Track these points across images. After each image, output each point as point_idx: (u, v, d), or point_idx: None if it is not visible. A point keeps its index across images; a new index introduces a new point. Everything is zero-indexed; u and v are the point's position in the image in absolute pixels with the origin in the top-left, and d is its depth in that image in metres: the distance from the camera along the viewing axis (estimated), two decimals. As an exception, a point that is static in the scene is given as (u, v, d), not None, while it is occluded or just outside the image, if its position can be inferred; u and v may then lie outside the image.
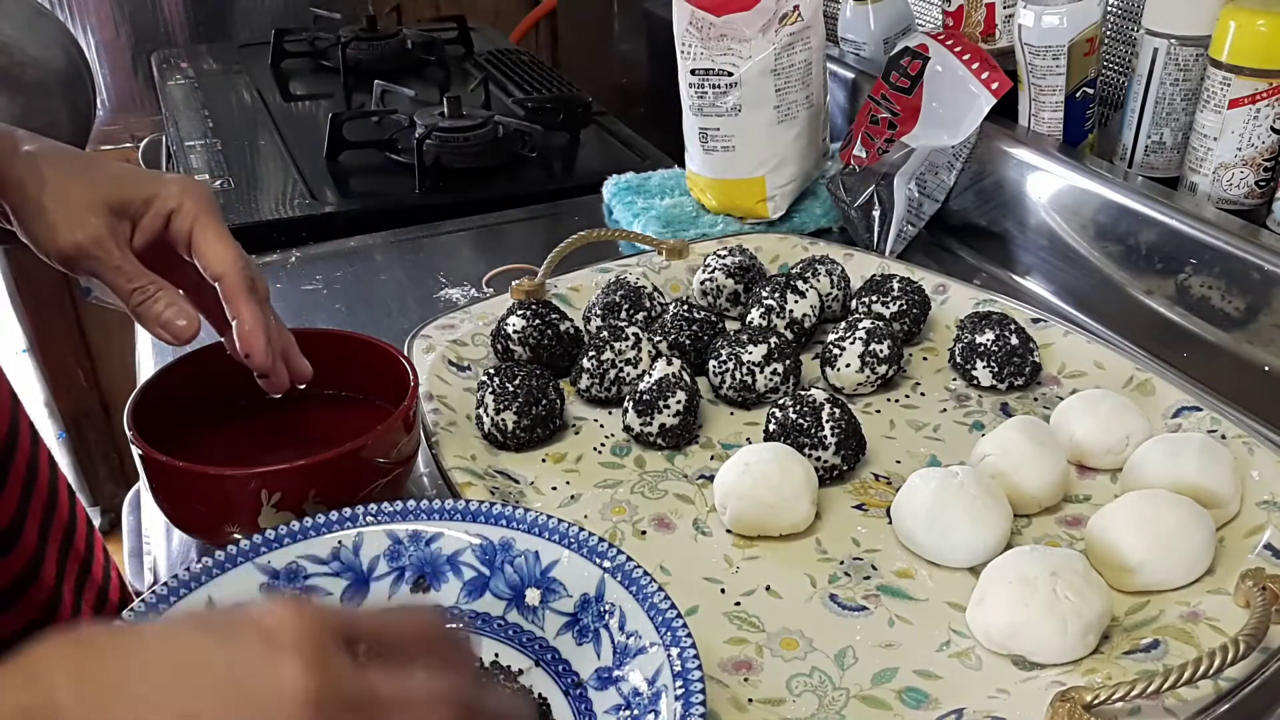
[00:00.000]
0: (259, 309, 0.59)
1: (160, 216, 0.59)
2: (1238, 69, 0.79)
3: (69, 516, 0.67)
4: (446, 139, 1.20)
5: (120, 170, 0.59)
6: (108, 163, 0.60)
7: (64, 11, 1.73)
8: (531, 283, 0.83)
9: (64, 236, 0.57)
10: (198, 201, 0.59)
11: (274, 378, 0.60)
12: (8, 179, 0.57)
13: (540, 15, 1.94)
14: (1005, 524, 0.60)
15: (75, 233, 0.57)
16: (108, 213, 0.58)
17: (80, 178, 0.58)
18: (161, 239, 0.59)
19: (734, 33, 0.94)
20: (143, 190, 0.59)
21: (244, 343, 0.58)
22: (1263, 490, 0.61)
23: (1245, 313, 0.77)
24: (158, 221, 0.59)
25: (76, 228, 0.57)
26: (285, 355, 0.62)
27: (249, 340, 0.58)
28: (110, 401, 2.08)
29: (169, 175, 0.60)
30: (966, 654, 0.54)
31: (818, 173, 1.05)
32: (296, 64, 1.60)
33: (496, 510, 0.55)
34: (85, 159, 0.60)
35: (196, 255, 0.59)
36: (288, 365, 0.62)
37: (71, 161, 0.59)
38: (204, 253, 0.58)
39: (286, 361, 0.61)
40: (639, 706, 0.47)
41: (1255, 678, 0.50)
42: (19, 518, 0.61)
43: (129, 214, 0.58)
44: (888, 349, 0.74)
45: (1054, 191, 0.92)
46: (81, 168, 0.59)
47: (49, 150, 0.59)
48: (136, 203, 0.58)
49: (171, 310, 0.57)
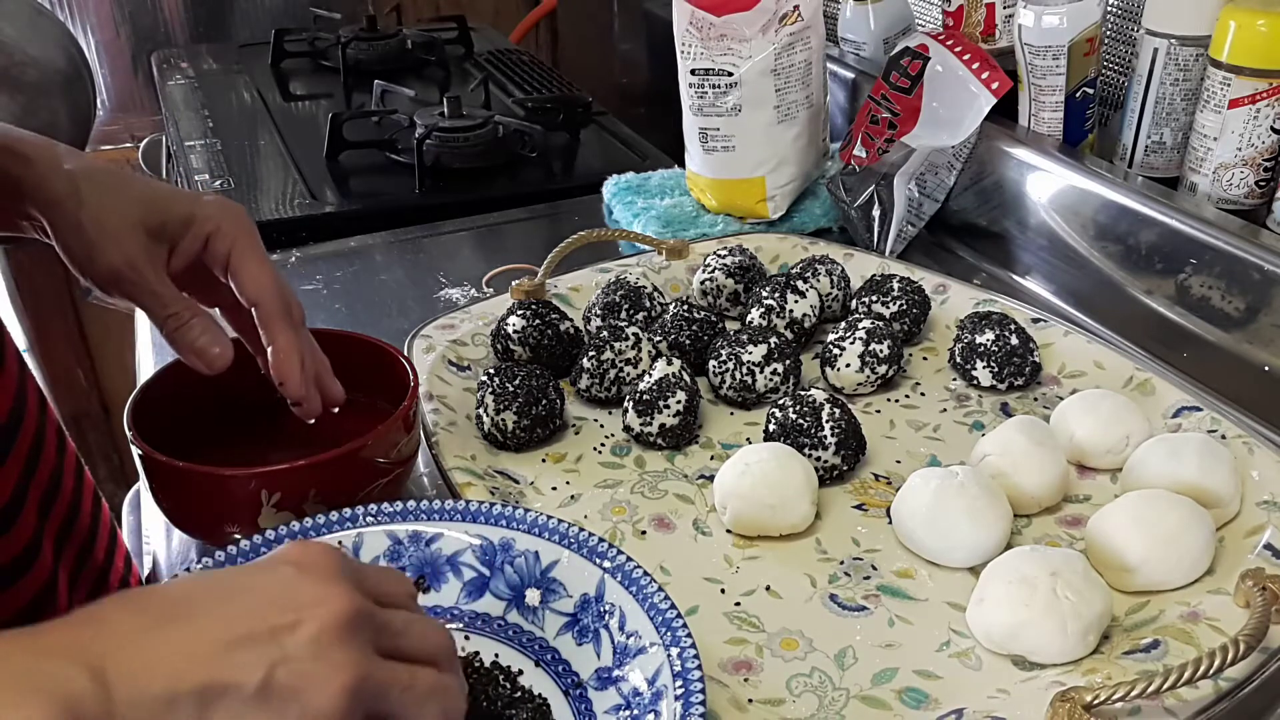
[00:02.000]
0: (294, 335, 0.58)
1: (199, 239, 0.58)
2: (1238, 69, 0.79)
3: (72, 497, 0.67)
4: (446, 139, 1.20)
5: (158, 190, 0.59)
6: (146, 182, 0.60)
7: (64, 11, 1.73)
8: (531, 283, 0.83)
9: (100, 260, 0.57)
10: (236, 225, 0.59)
11: (307, 405, 0.60)
12: (47, 197, 0.57)
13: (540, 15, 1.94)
14: (1005, 524, 0.60)
15: (112, 256, 0.56)
16: (145, 235, 0.57)
17: (118, 198, 0.57)
18: (198, 260, 0.59)
19: (734, 33, 0.94)
20: (180, 212, 0.58)
21: (279, 371, 0.58)
22: (1263, 490, 0.61)
23: (1245, 313, 0.77)
24: (196, 244, 0.58)
25: (113, 251, 0.56)
26: (319, 380, 0.61)
27: (283, 369, 0.58)
28: (110, 401, 2.08)
29: (207, 197, 0.60)
30: (966, 654, 0.54)
31: (818, 173, 1.05)
32: (296, 64, 1.60)
33: (496, 510, 0.55)
34: (123, 178, 0.59)
35: (234, 279, 0.58)
36: (321, 390, 0.61)
37: (109, 180, 0.58)
38: (241, 278, 0.58)
39: (320, 386, 0.61)
40: (639, 706, 0.47)
41: (1255, 678, 0.50)
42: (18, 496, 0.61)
43: (167, 236, 0.58)
44: (888, 349, 0.74)
45: (1054, 191, 0.92)
46: (120, 187, 0.58)
47: (87, 168, 0.58)
48: (174, 225, 0.58)
49: (206, 338, 0.57)
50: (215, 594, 0.38)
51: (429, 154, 1.18)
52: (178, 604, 0.37)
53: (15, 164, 0.57)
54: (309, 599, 0.38)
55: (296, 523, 0.54)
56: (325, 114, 1.27)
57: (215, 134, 1.33)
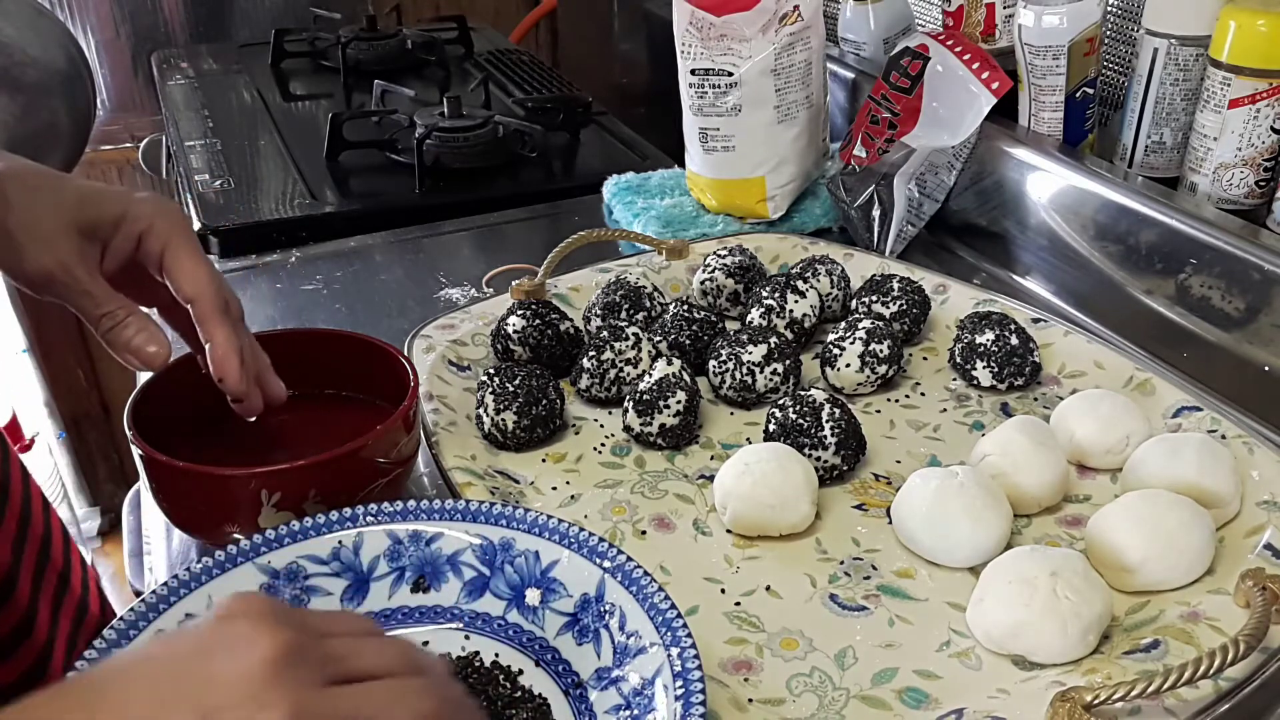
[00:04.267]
0: (232, 332, 0.57)
1: (131, 238, 0.57)
2: (1238, 69, 0.79)
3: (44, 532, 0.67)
4: (446, 139, 1.20)
5: (89, 190, 0.57)
6: (76, 182, 0.58)
7: (64, 11, 1.73)
8: (531, 283, 0.83)
9: (31, 262, 0.55)
10: (170, 222, 0.57)
11: (248, 402, 0.59)
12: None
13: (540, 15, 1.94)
14: (1005, 524, 0.60)
15: (42, 258, 0.55)
16: (77, 236, 0.56)
17: (47, 199, 0.56)
18: (133, 259, 0.57)
19: (734, 33, 0.94)
20: (112, 211, 0.57)
21: (217, 367, 0.57)
22: (1263, 490, 0.61)
23: (1245, 313, 0.77)
24: (129, 243, 0.57)
25: (44, 253, 0.55)
26: (260, 378, 0.60)
27: (222, 365, 0.57)
28: (110, 401, 2.08)
29: (140, 194, 0.58)
30: (966, 654, 0.54)
31: (818, 173, 1.05)
32: (296, 64, 1.60)
33: (496, 510, 0.55)
34: (53, 178, 0.58)
35: (169, 277, 0.57)
36: (262, 387, 0.60)
37: (37, 180, 0.57)
38: (176, 275, 0.57)
39: (261, 384, 0.60)
40: (639, 706, 0.47)
41: (1255, 678, 0.50)
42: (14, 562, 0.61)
43: (99, 236, 0.57)
44: (888, 349, 0.74)
45: (1054, 191, 0.92)
46: (48, 187, 0.57)
47: (16, 169, 0.57)
48: (106, 224, 0.56)
49: (142, 336, 0.56)
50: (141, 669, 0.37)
51: (429, 154, 1.18)
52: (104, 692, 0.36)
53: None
54: (235, 642, 0.36)
55: (296, 523, 0.54)
56: (325, 114, 1.27)
57: (215, 134, 1.33)
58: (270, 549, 0.53)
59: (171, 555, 0.68)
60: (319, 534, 0.54)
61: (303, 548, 0.53)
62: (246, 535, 0.53)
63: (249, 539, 0.53)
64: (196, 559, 0.52)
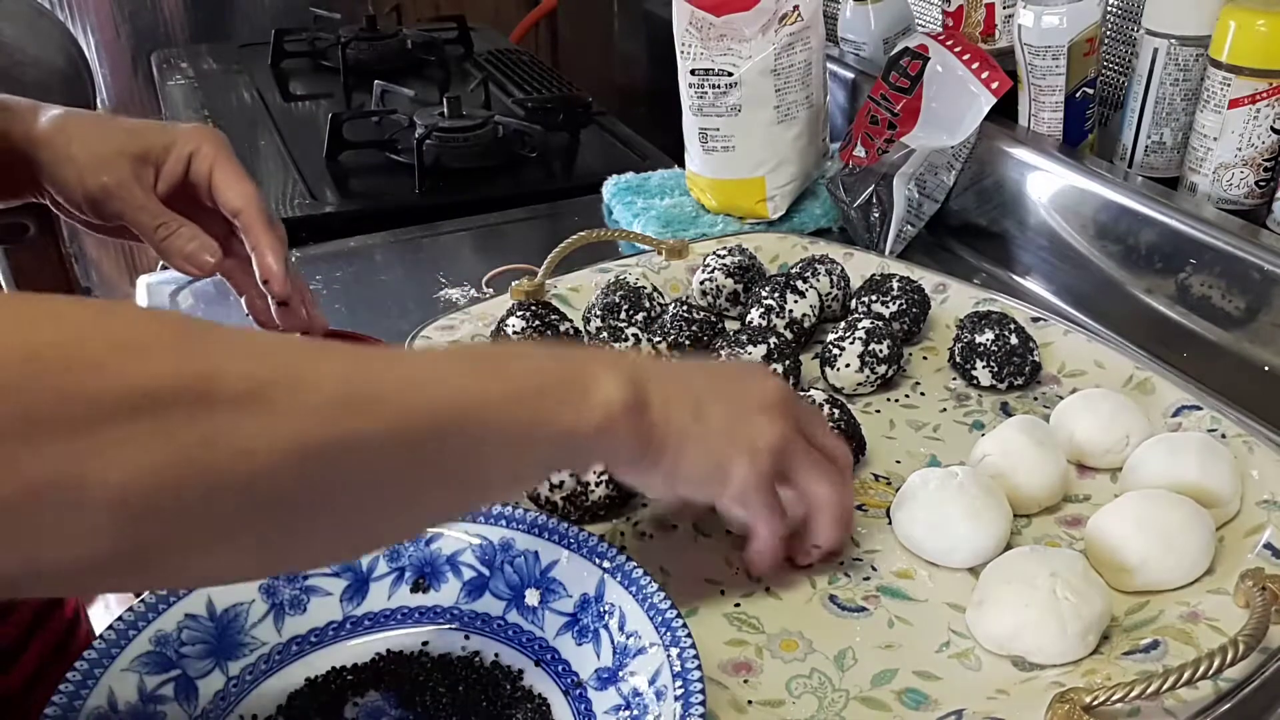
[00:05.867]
0: (277, 239, 0.64)
1: (181, 160, 0.64)
2: (1238, 69, 0.79)
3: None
4: (446, 139, 1.20)
5: (140, 123, 0.65)
6: (125, 119, 0.66)
7: (64, 11, 1.73)
8: (531, 283, 0.83)
9: (91, 180, 0.62)
10: (214, 144, 0.64)
11: (293, 307, 0.66)
12: (37, 137, 0.63)
13: (540, 15, 1.94)
14: (1005, 524, 0.60)
15: (101, 176, 0.62)
16: (132, 160, 0.63)
17: (103, 130, 0.63)
18: (184, 186, 0.64)
19: (734, 33, 0.94)
20: (163, 138, 0.64)
21: (263, 269, 0.64)
22: (1263, 490, 0.61)
23: (1245, 313, 0.77)
24: (179, 165, 0.64)
25: (102, 172, 0.62)
26: (303, 297, 0.68)
27: (268, 267, 0.64)
28: (111, 401, 2.07)
29: (185, 124, 0.66)
30: (966, 655, 0.54)
31: (818, 173, 1.05)
32: (296, 64, 1.60)
33: (496, 510, 0.55)
34: (103, 116, 0.66)
35: (216, 193, 0.64)
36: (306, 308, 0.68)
37: (92, 117, 0.65)
38: (223, 190, 0.64)
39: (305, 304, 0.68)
40: (639, 706, 0.47)
41: (1255, 678, 0.50)
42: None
43: (151, 160, 0.63)
44: (887, 349, 0.74)
45: (1054, 191, 0.92)
46: (103, 121, 0.65)
47: (73, 111, 0.65)
48: (157, 149, 0.63)
49: (195, 244, 0.63)
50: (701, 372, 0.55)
51: (429, 154, 1.18)
52: (682, 374, 0.52)
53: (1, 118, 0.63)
54: (765, 380, 0.55)
55: (296, 523, 0.54)
56: (325, 114, 1.27)
57: (215, 134, 1.33)
58: (270, 549, 0.53)
59: (171, 555, 0.68)
60: (319, 534, 0.54)
61: (302, 548, 0.53)
62: (246, 536, 0.53)
63: (249, 539, 0.52)
64: (196, 559, 0.52)
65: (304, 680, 0.52)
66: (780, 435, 0.52)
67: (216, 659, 0.50)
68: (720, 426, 0.50)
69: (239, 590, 0.52)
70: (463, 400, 0.40)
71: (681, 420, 0.49)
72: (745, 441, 0.51)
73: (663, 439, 0.48)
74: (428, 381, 0.40)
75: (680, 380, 0.51)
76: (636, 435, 0.47)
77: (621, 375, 0.46)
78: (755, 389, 0.53)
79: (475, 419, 0.40)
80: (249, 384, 0.33)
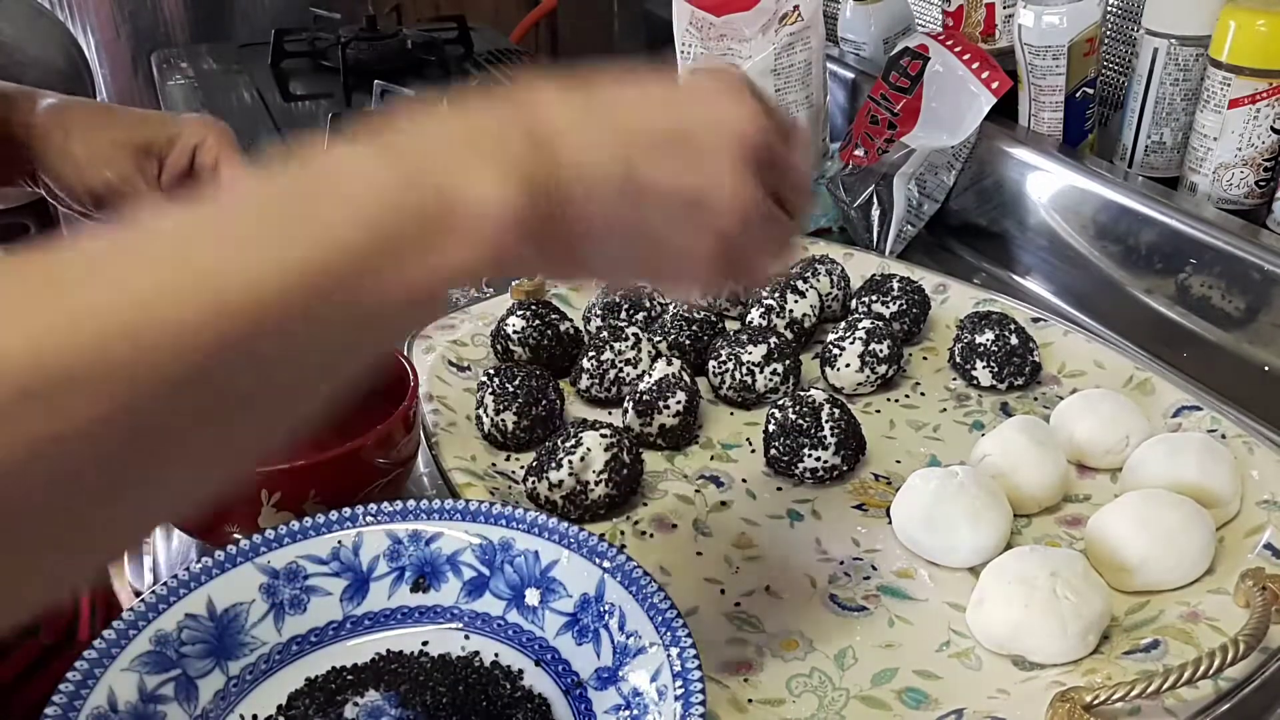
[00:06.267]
0: None
1: (185, 152, 0.62)
2: (1238, 69, 0.79)
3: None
4: (446, 139, 1.20)
5: (144, 114, 0.64)
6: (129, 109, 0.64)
7: (64, 11, 1.73)
8: (531, 283, 0.83)
9: (93, 175, 0.60)
10: (219, 136, 0.63)
11: None
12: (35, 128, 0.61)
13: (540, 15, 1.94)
14: (1005, 524, 0.60)
15: (104, 173, 0.60)
16: (135, 152, 0.61)
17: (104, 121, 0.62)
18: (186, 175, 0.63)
19: (734, 33, 0.94)
20: (167, 130, 0.62)
21: None
22: (1263, 490, 0.61)
23: (1245, 313, 0.77)
24: (184, 157, 0.62)
25: (105, 166, 0.60)
26: None
27: None
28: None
29: (188, 115, 0.64)
30: (966, 654, 0.54)
31: (817, 173, 1.05)
32: (296, 64, 1.60)
33: (496, 510, 0.55)
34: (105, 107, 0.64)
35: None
36: None
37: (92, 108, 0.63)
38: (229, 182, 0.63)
39: None
40: (639, 706, 0.47)
41: (1255, 678, 0.50)
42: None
43: (154, 153, 0.62)
44: (887, 349, 0.74)
45: (1054, 191, 0.92)
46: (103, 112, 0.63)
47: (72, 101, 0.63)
48: (161, 141, 0.62)
49: None
50: (642, 89, 0.39)
51: (429, 154, 1.18)
52: (606, 101, 0.38)
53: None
54: (731, 115, 0.39)
55: (296, 523, 0.54)
56: (325, 114, 1.27)
57: (215, 134, 1.33)
58: (270, 549, 0.53)
59: (171, 555, 0.68)
60: (319, 534, 0.54)
61: (302, 548, 0.53)
62: (246, 535, 0.53)
63: (249, 539, 0.53)
64: (196, 559, 0.52)
65: (304, 680, 0.52)
66: (745, 206, 0.39)
67: (217, 659, 0.50)
68: (665, 209, 0.38)
69: (239, 590, 0.52)
70: (260, 298, 0.28)
71: (608, 203, 0.37)
72: (699, 232, 0.39)
73: (585, 234, 0.37)
74: (208, 280, 0.28)
75: (602, 129, 0.37)
76: (544, 248, 0.36)
77: (502, 168, 0.34)
78: (712, 135, 0.39)
79: (279, 327, 0.29)
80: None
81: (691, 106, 0.40)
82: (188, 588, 0.50)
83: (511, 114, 0.36)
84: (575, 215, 0.36)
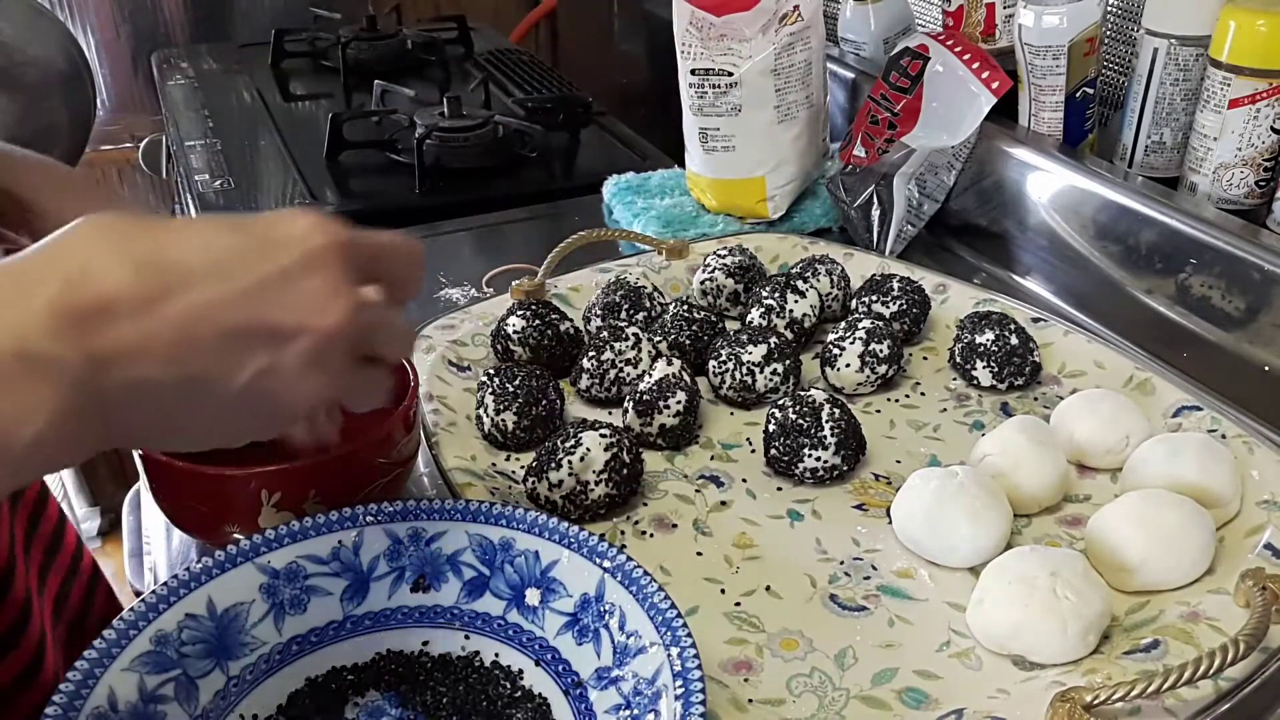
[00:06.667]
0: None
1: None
2: (1238, 69, 0.79)
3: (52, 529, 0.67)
4: (446, 139, 1.20)
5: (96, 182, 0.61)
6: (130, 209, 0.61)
7: (64, 11, 1.73)
8: (531, 283, 0.83)
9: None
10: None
11: None
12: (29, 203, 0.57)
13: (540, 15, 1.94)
14: (1005, 524, 0.60)
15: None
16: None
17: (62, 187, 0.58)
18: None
19: (734, 33, 0.94)
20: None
21: None
22: (1263, 490, 0.61)
23: (1245, 313, 0.77)
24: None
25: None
26: None
27: None
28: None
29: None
30: (966, 654, 0.54)
31: (818, 173, 1.05)
32: (296, 64, 1.60)
33: (496, 510, 0.55)
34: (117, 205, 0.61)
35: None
36: None
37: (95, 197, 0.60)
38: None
39: None
40: (639, 706, 0.47)
41: (1255, 678, 0.50)
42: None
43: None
44: (888, 349, 0.74)
45: (1054, 191, 0.92)
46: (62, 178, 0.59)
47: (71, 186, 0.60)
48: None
49: None
50: (220, 265, 0.38)
51: (429, 154, 1.18)
52: (180, 273, 0.37)
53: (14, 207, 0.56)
54: (312, 305, 0.39)
55: (296, 523, 0.54)
56: (325, 114, 1.27)
57: (215, 134, 1.33)
58: (270, 549, 0.53)
59: (171, 555, 0.68)
60: (319, 534, 0.54)
61: (303, 548, 0.53)
62: (246, 535, 0.53)
63: (249, 539, 0.52)
64: (196, 559, 0.52)
65: (304, 680, 0.52)
66: (326, 393, 0.41)
67: (217, 658, 0.50)
68: (236, 389, 0.39)
69: (239, 590, 0.52)
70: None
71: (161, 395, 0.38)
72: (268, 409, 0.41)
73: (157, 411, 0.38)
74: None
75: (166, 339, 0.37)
76: (93, 432, 0.37)
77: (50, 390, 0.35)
78: (303, 317, 0.39)
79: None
80: None
81: (274, 291, 0.39)
82: (188, 588, 0.50)
83: (69, 308, 0.35)
84: (136, 407, 0.37)
